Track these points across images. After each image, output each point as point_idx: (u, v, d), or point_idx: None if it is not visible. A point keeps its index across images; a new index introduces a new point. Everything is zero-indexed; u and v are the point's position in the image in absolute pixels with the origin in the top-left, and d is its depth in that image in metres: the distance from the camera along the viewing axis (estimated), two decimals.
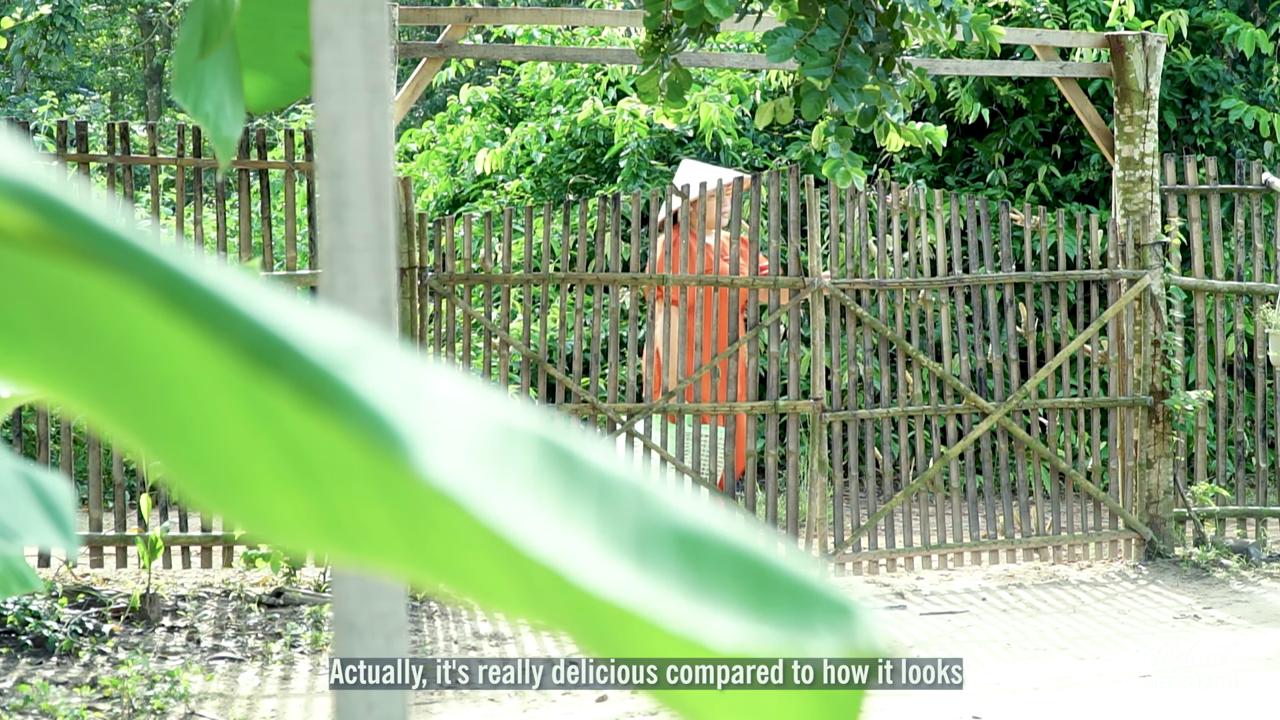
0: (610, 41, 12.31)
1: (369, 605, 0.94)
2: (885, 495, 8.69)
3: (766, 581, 0.66)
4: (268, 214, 7.92)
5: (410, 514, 0.66)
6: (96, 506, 7.69)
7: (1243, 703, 5.76)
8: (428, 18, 7.92)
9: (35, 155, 0.69)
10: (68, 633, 6.64)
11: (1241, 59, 11.95)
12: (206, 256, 0.68)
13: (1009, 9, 11.44)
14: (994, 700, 5.83)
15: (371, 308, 0.95)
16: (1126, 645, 6.67)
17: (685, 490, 0.70)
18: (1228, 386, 8.38)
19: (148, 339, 0.66)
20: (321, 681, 6.30)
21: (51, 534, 1.22)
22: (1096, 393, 8.59)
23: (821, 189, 12.13)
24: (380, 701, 0.94)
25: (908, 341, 8.48)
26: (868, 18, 6.23)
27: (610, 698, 5.96)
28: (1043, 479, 10.82)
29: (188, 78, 1.70)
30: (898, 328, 8.46)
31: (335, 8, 0.95)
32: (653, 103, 6.80)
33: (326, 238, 0.95)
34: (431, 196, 12.63)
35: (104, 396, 0.69)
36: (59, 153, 7.79)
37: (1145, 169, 8.33)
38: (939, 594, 7.84)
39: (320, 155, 0.96)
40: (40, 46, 14.70)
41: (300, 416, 0.65)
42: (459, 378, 0.71)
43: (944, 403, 8.44)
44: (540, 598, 0.66)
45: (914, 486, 8.25)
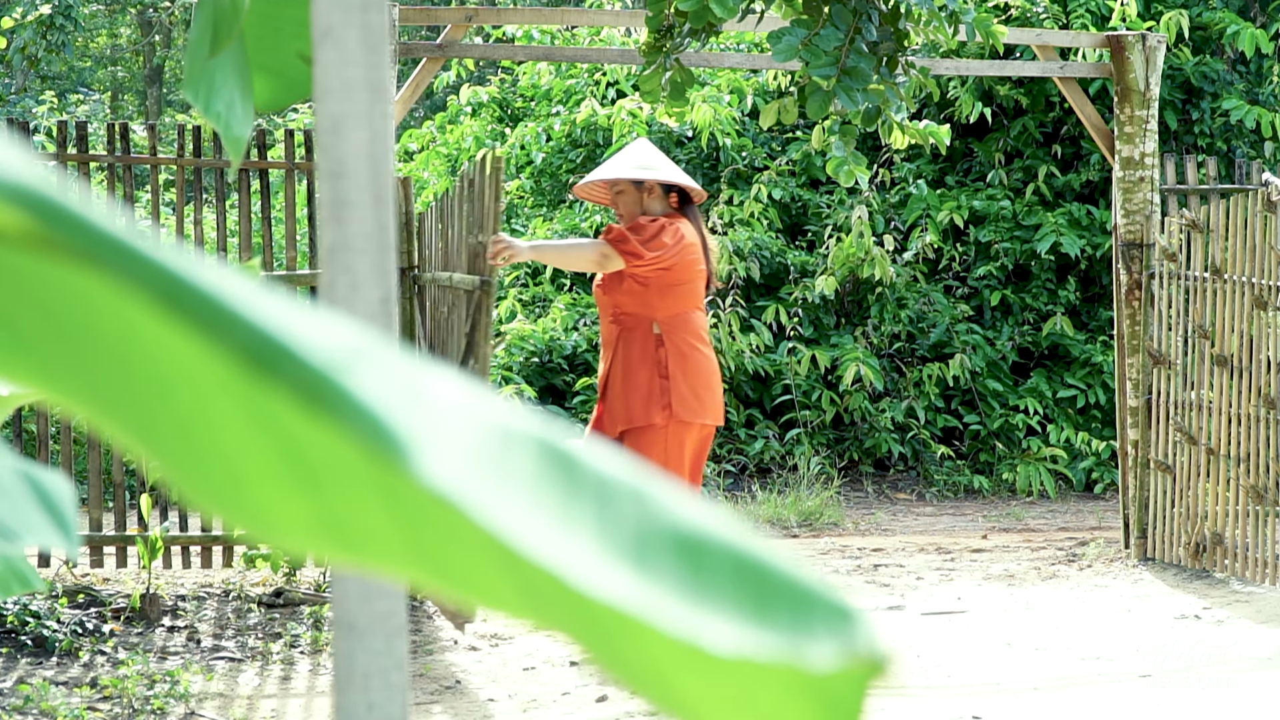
0: (610, 41, 12.31)
1: (369, 605, 0.94)
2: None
3: (766, 585, 0.66)
4: (268, 214, 7.92)
5: (409, 517, 0.66)
6: (96, 506, 7.69)
7: (1243, 703, 5.76)
8: (428, 18, 7.92)
9: (34, 155, 0.69)
10: (68, 633, 6.64)
11: (1242, 59, 11.96)
12: (206, 257, 0.68)
13: (1009, 9, 11.44)
14: (994, 700, 5.83)
15: (371, 308, 0.95)
16: (1126, 645, 6.67)
17: (684, 493, 0.70)
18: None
19: (147, 341, 0.66)
20: (321, 681, 6.30)
21: (52, 534, 1.22)
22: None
23: (821, 189, 12.14)
24: (380, 701, 0.94)
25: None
26: (871, 17, 6.23)
27: (610, 698, 5.96)
28: (1044, 478, 10.84)
29: (198, 77, 1.70)
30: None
31: (335, 8, 0.95)
32: (655, 102, 6.80)
33: (326, 238, 0.95)
34: (431, 196, 12.64)
35: (103, 398, 0.69)
36: (59, 153, 7.79)
37: (1145, 169, 8.34)
38: (939, 594, 7.84)
39: (320, 155, 0.96)
40: (40, 46, 14.70)
41: (299, 419, 0.65)
42: (458, 380, 0.71)
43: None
44: (539, 601, 0.66)
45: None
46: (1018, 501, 10.74)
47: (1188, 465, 8.07)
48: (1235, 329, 7.81)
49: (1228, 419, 7.87)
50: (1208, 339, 7.97)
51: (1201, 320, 7.97)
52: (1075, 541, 9.10)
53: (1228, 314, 7.85)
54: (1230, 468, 7.84)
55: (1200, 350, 8.01)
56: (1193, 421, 8.03)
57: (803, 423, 11.06)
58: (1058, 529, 9.74)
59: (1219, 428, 7.90)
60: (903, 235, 11.70)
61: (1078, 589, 7.87)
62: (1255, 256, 7.74)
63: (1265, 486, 7.71)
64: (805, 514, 9.73)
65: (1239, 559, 7.81)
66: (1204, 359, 7.99)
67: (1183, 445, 8.09)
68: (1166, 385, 8.17)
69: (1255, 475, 7.73)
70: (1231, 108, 11.38)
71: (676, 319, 6.22)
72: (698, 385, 6.20)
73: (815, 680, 0.66)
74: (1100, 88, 11.16)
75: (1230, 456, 7.84)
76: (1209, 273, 7.95)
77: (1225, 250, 7.89)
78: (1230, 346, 7.85)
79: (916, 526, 9.89)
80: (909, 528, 9.83)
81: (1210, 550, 7.92)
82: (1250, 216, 7.75)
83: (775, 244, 11.45)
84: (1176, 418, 8.12)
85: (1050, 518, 10.24)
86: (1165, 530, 8.18)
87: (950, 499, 10.84)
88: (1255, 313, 7.74)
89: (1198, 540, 7.95)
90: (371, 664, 0.94)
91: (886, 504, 10.59)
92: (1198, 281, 8.00)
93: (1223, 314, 7.87)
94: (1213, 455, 7.92)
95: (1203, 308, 7.95)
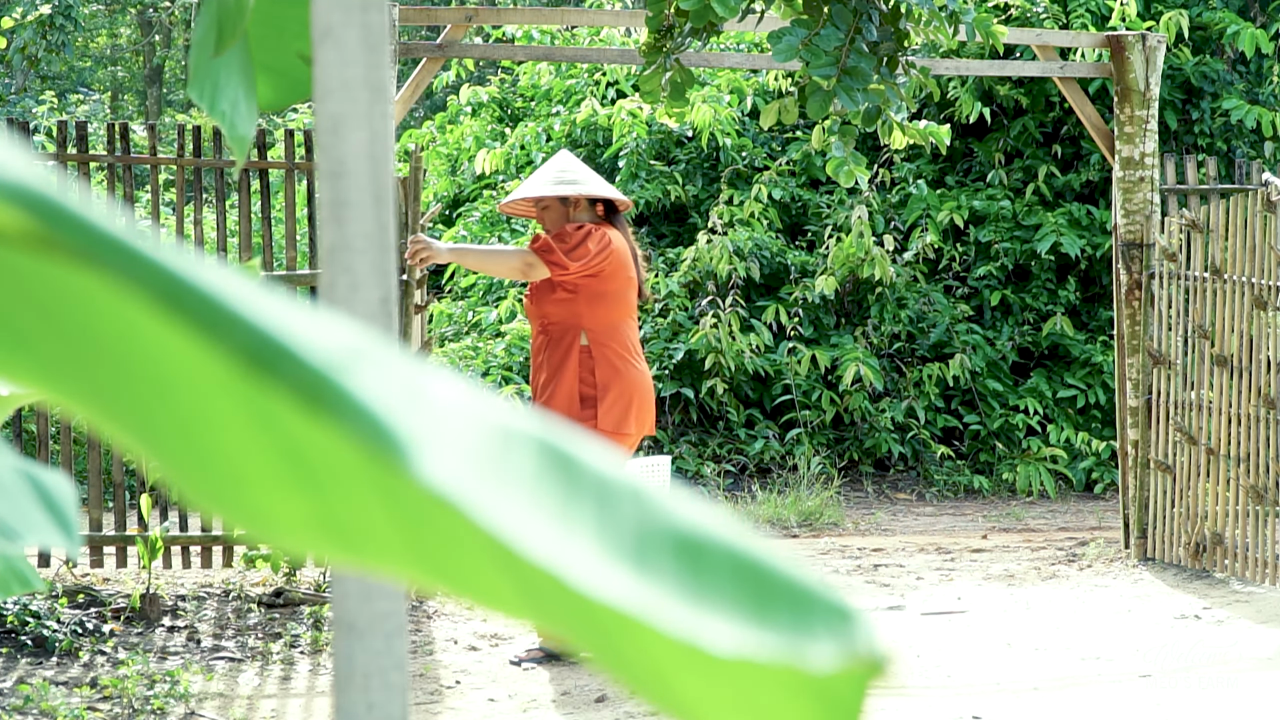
0: (610, 41, 12.31)
1: (369, 605, 0.94)
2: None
3: (766, 585, 0.66)
4: (268, 214, 7.92)
5: (409, 517, 0.66)
6: (96, 506, 7.69)
7: (1243, 703, 5.76)
8: (428, 18, 7.92)
9: (34, 155, 0.69)
10: (68, 633, 6.64)
11: (1242, 59, 11.96)
12: (206, 257, 0.68)
13: (1009, 9, 11.44)
14: (994, 700, 5.83)
15: (371, 308, 0.95)
16: (1126, 645, 6.67)
17: (684, 493, 0.70)
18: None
19: (147, 341, 0.66)
20: (321, 681, 6.30)
21: (53, 533, 1.22)
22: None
23: (821, 189, 12.14)
24: (380, 701, 0.94)
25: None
26: (871, 17, 6.23)
27: (610, 698, 5.96)
28: (1044, 478, 10.84)
29: (203, 76, 1.70)
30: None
31: (335, 8, 0.95)
32: (654, 102, 6.80)
33: (326, 238, 0.95)
34: (431, 197, 12.64)
35: (103, 398, 0.69)
36: (59, 153, 7.79)
37: (1145, 169, 8.34)
38: (939, 594, 7.84)
39: (320, 155, 0.96)
40: (40, 46, 14.70)
41: (299, 419, 0.65)
42: (458, 380, 0.71)
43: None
44: (539, 601, 0.66)
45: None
46: (1018, 501, 10.74)
47: (1188, 465, 8.07)
48: (1235, 329, 7.81)
49: (1228, 419, 7.87)
50: (1208, 339, 7.97)
51: (1201, 320, 7.97)
52: (1075, 541, 9.09)
53: (1228, 314, 7.85)
54: (1230, 468, 7.84)
55: (1200, 350, 8.01)
56: (1193, 421, 8.03)
57: (803, 423, 11.06)
58: (1058, 529, 9.73)
59: (1219, 428, 7.90)
60: (903, 235, 11.70)
61: (1078, 589, 7.87)
62: (1255, 256, 7.74)
63: (1265, 486, 7.70)
64: (805, 514, 9.73)
65: (1239, 559, 7.81)
66: (1204, 359, 7.99)
67: (1183, 445, 8.09)
68: (1166, 385, 8.17)
69: (1255, 475, 7.73)
70: (1231, 108, 11.38)
71: (605, 329, 6.21)
72: (622, 397, 6.20)
73: (815, 680, 0.66)
74: (1100, 88, 11.16)
75: (1230, 456, 7.84)
76: (1209, 273, 7.95)
77: (1225, 250, 7.89)
78: (1230, 346, 7.85)
79: (916, 526, 9.89)
80: (909, 528, 9.83)
81: (1210, 550, 7.92)
82: (1250, 216, 7.75)
83: (775, 244, 11.45)
84: (1176, 418, 8.12)
85: (1050, 518, 10.24)
86: (1165, 530, 8.18)
87: (950, 499, 10.84)
88: (1255, 313, 7.74)
89: (1198, 540, 7.95)
90: (371, 664, 0.94)
91: (886, 504, 10.59)
92: (1198, 281, 8.00)
93: (1223, 314, 7.87)
94: (1213, 455, 7.92)
95: (1203, 308, 7.95)
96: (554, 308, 6.21)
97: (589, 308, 6.18)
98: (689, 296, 11.31)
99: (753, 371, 11.10)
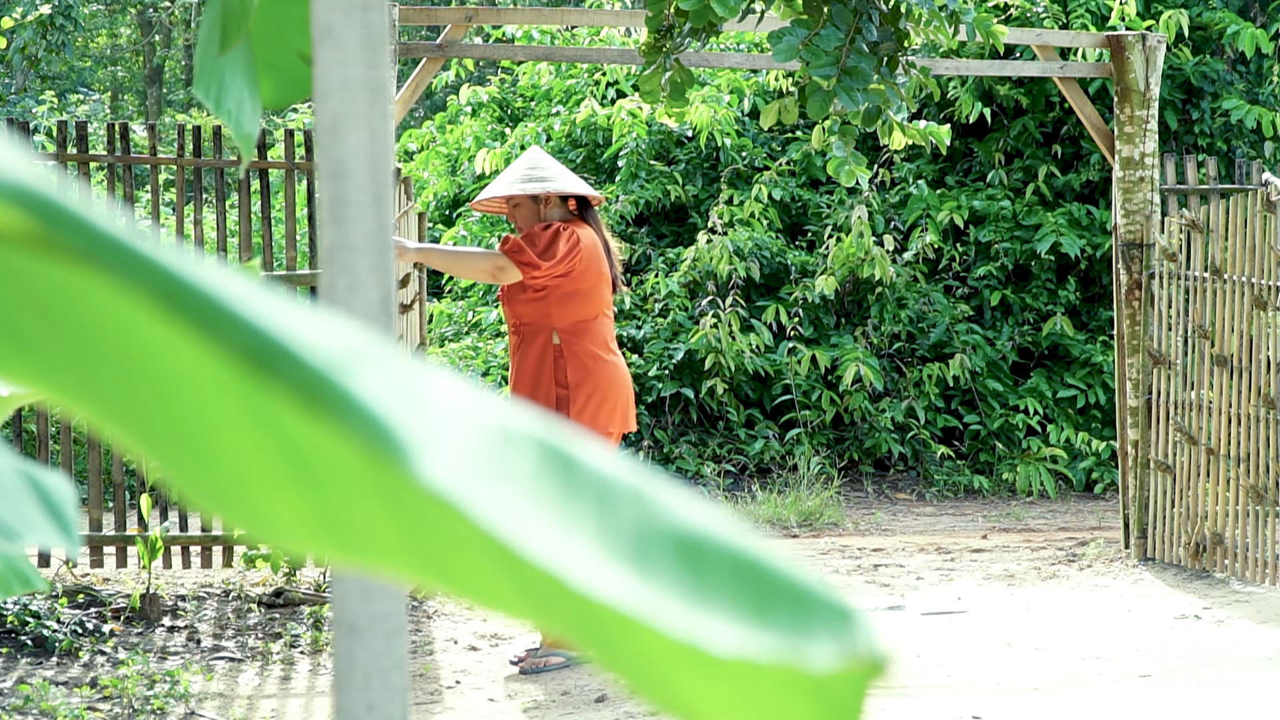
0: (610, 41, 12.31)
1: (369, 605, 0.94)
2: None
3: (765, 585, 0.66)
4: (268, 214, 7.92)
5: (409, 517, 0.66)
6: (96, 506, 7.69)
7: (1243, 703, 5.76)
8: (428, 18, 7.92)
9: (34, 155, 0.69)
10: (68, 633, 6.64)
11: (1242, 59, 11.96)
12: (206, 257, 0.68)
13: (1009, 9, 11.44)
14: (994, 700, 5.83)
15: (371, 308, 0.95)
16: (1126, 645, 6.67)
17: (684, 493, 0.70)
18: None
19: (147, 341, 0.66)
20: (321, 681, 6.30)
21: (53, 533, 1.22)
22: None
23: (821, 189, 12.14)
24: (380, 701, 0.94)
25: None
26: (871, 17, 6.23)
27: (610, 698, 5.96)
28: (1044, 478, 10.84)
29: (208, 74, 1.70)
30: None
31: (335, 8, 0.95)
32: (654, 102, 6.80)
33: (326, 238, 0.95)
34: (431, 197, 12.64)
35: (103, 398, 0.69)
36: (59, 153, 7.79)
37: (1145, 169, 8.34)
38: (939, 594, 7.84)
39: (320, 155, 0.96)
40: (40, 46, 14.69)
41: (299, 420, 0.65)
42: (458, 380, 0.71)
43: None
44: (539, 602, 0.66)
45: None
46: (1018, 501, 10.74)
47: (1188, 465, 8.07)
48: (1235, 329, 7.81)
49: (1228, 419, 7.87)
50: (1208, 339, 7.97)
51: (1201, 320, 7.97)
52: (1075, 541, 9.09)
53: (1228, 314, 7.85)
54: (1230, 468, 7.84)
55: (1200, 350, 8.01)
56: (1193, 421, 8.03)
57: (803, 423, 11.06)
58: (1058, 529, 9.73)
59: (1219, 428, 7.90)
60: (903, 235, 11.70)
61: (1078, 589, 7.87)
62: (1255, 256, 7.74)
63: (1265, 486, 7.70)
64: (805, 514, 9.73)
65: (1239, 559, 7.81)
66: (1204, 359, 7.99)
67: (1183, 445, 8.09)
68: (1166, 385, 8.17)
69: (1255, 475, 7.72)
70: (1231, 108, 11.38)
71: (577, 328, 6.18)
72: (596, 395, 6.17)
73: (815, 681, 0.66)
74: (1100, 88, 11.16)
75: (1230, 456, 7.84)
76: (1209, 273, 7.95)
77: (1225, 250, 7.89)
78: (1230, 346, 7.85)
79: (916, 526, 9.89)
80: (909, 528, 9.83)
81: (1210, 550, 7.92)
82: (1250, 216, 7.75)
83: (775, 244, 11.45)
84: (1176, 418, 8.12)
85: (1050, 518, 10.24)
86: (1165, 530, 8.18)
87: (950, 499, 10.84)
88: (1255, 313, 7.74)
89: (1198, 540, 7.95)
90: (371, 664, 0.94)
91: (886, 504, 10.59)
92: (1198, 281, 8.00)
93: (1223, 314, 7.87)
94: (1213, 455, 7.92)
95: (1203, 308, 7.95)
96: (525, 308, 6.18)
97: (559, 307, 6.16)
98: (689, 296, 11.31)
99: (753, 371, 11.10)
